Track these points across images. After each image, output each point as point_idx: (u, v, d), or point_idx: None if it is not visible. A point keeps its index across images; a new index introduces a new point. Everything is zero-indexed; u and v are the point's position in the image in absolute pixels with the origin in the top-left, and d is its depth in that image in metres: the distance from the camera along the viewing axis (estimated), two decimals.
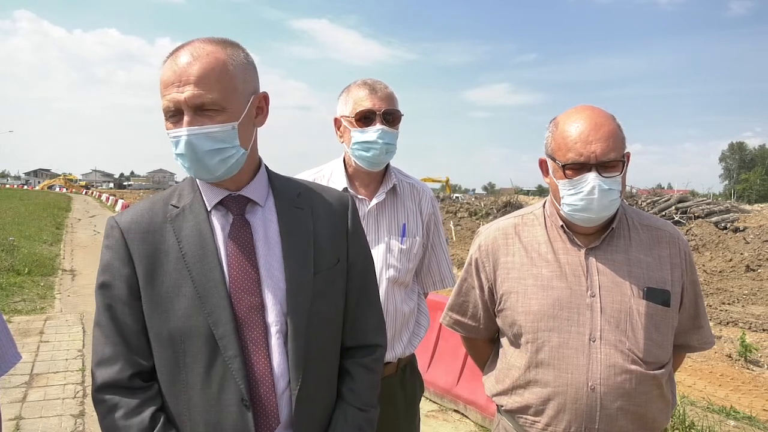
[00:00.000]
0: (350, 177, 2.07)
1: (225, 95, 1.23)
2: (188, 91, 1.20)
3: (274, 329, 1.27)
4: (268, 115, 1.37)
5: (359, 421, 1.38)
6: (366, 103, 1.97)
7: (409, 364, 2.17)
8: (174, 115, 1.23)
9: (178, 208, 1.30)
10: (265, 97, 1.35)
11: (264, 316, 1.27)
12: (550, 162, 1.62)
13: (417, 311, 2.17)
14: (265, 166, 1.42)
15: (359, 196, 2.04)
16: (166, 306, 1.24)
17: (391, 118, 2.00)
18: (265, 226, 1.33)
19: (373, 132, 1.95)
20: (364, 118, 1.97)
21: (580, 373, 1.54)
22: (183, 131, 1.21)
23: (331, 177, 2.08)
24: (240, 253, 1.28)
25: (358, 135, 1.97)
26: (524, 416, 1.65)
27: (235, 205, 1.31)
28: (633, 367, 1.53)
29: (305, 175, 2.08)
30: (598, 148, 1.50)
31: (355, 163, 2.02)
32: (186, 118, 1.21)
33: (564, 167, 1.54)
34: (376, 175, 2.08)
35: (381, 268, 2.00)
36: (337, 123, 2.08)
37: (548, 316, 1.59)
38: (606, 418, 1.54)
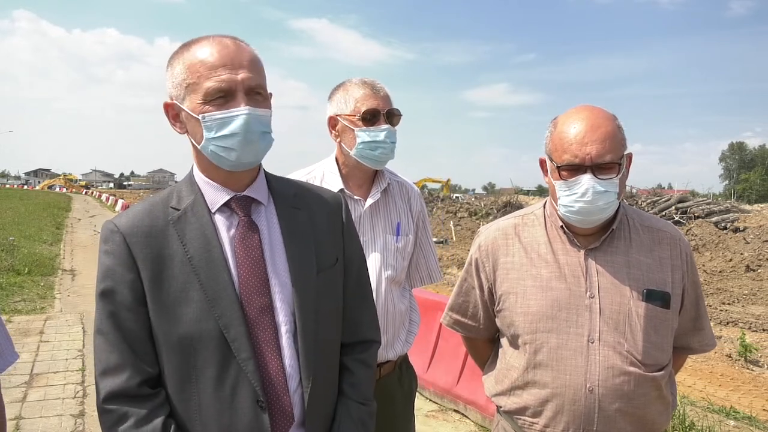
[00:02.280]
0: (344, 177, 2.05)
1: (266, 84, 1.29)
2: (243, 73, 1.23)
3: (284, 329, 1.28)
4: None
5: (362, 415, 1.40)
6: (371, 102, 1.97)
7: (404, 361, 2.18)
8: (222, 96, 1.22)
9: (178, 210, 1.28)
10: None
11: (274, 316, 1.27)
12: (548, 162, 1.62)
13: (410, 308, 2.18)
14: (261, 166, 1.41)
15: (355, 197, 2.03)
16: (174, 311, 1.22)
17: (393, 117, 2.01)
18: (269, 226, 1.34)
19: (382, 131, 1.95)
20: (369, 118, 1.96)
21: (578, 374, 1.54)
22: (244, 109, 1.22)
23: (324, 178, 2.06)
24: (248, 255, 1.28)
25: (365, 135, 1.96)
26: (523, 417, 1.65)
27: (241, 207, 1.31)
28: (631, 368, 1.53)
29: (296, 176, 2.05)
30: (594, 150, 1.49)
31: (357, 162, 2.00)
32: (242, 99, 1.23)
33: (559, 168, 1.54)
34: (370, 175, 2.08)
35: (379, 268, 2.00)
36: (333, 121, 2.05)
37: (547, 317, 1.58)
38: (604, 420, 1.53)
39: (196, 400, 1.23)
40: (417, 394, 2.21)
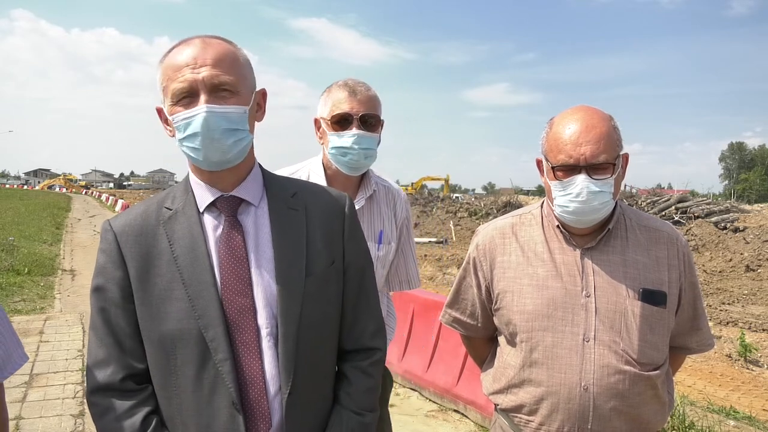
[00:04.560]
0: (329, 179, 2.02)
1: (237, 79, 1.26)
2: (205, 71, 1.22)
3: (264, 332, 1.26)
4: (265, 113, 1.39)
5: (354, 425, 1.35)
6: (343, 106, 1.91)
7: None
8: (186, 97, 1.22)
9: (171, 210, 1.30)
10: (264, 94, 1.37)
11: (255, 318, 1.26)
12: (544, 162, 1.62)
13: (386, 314, 2.16)
14: (260, 165, 1.41)
15: None
16: (158, 309, 1.23)
17: (370, 122, 1.93)
18: (257, 227, 1.32)
19: (349, 137, 1.89)
20: (341, 122, 1.91)
21: (573, 373, 1.55)
22: (201, 108, 1.21)
23: (309, 178, 2.02)
24: (231, 255, 1.27)
25: (335, 139, 1.92)
26: (519, 415, 1.66)
27: (228, 206, 1.30)
28: (627, 367, 1.53)
29: (281, 173, 2.04)
30: (588, 151, 1.49)
31: (334, 166, 1.97)
32: (203, 97, 1.21)
33: (554, 168, 1.55)
34: (354, 180, 2.04)
35: None
36: (317, 124, 2.02)
37: (543, 316, 1.59)
38: (599, 419, 1.54)
39: (177, 397, 1.24)
40: (416, 393, 2.21)
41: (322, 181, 2.00)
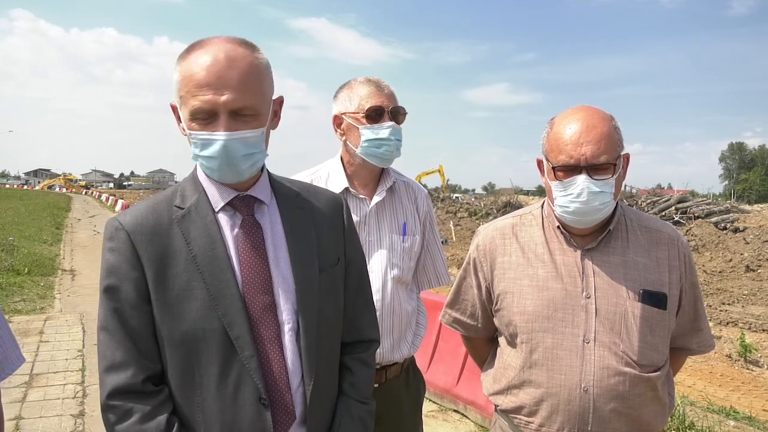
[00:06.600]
0: (349, 176, 2.05)
1: (259, 101, 1.24)
2: (227, 95, 1.19)
3: (286, 327, 1.29)
4: (280, 119, 1.38)
5: (362, 414, 1.42)
6: (374, 99, 1.96)
7: (411, 365, 2.16)
8: (205, 117, 1.21)
9: (182, 209, 1.29)
10: (281, 102, 1.37)
11: (276, 314, 1.29)
12: (544, 162, 1.62)
13: (417, 311, 2.17)
14: (265, 166, 1.42)
15: (360, 196, 2.02)
16: (177, 309, 1.23)
17: (398, 115, 2.00)
18: (272, 225, 1.35)
19: (386, 129, 1.95)
20: (374, 115, 1.95)
21: (573, 374, 1.55)
22: (221, 135, 1.20)
23: (329, 177, 2.05)
24: (252, 253, 1.29)
25: (369, 132, 1.95)
26: (519, 416, 1.66)
27: (244, 206, 1.32)
28: (627, 369, 1.53)
29: (301, 176, 2.06)
30: (589, 151, 1.49)
31: (362, 160, 2.00)
32: (223, 122, 1.20)
33: (555, 169, 1.55)
34: (375, 174, 2.07)
35: (385, 267, 1.99)
36: (338, 120, 2.04)
37: (543, 317, 1.59)
38: (599, 420, 1.54)
39: (198, 397, 1.24)
40: None
41: (342, 178, 2.03)
